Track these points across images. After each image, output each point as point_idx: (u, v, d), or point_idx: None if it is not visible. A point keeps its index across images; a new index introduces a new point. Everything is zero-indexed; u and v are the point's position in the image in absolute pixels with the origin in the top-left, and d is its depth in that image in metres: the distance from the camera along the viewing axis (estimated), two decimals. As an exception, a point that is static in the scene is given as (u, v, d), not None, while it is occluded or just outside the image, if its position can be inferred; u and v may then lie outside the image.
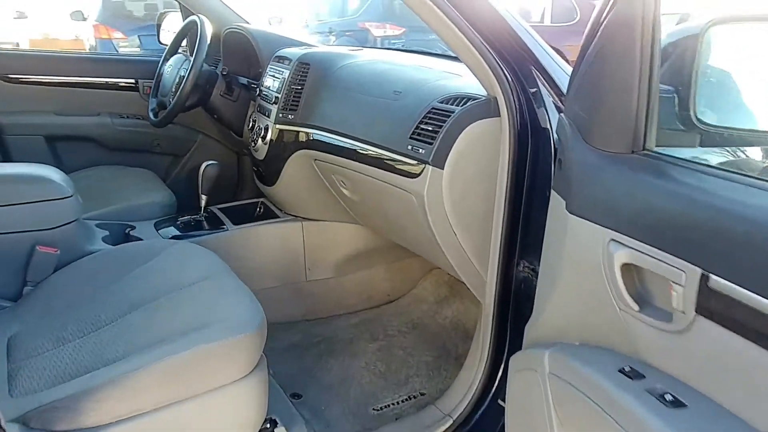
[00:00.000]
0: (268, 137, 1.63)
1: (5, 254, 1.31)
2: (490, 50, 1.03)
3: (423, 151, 1.13)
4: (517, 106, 1.03)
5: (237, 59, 2.04)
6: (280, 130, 1.59)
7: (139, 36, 7.18)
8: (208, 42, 1.80)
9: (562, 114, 0.91)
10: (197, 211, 1.76)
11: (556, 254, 0.85)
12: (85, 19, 8.01)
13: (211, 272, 1.21)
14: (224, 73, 1.86)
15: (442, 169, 1.11)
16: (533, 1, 8.38)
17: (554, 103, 1.03)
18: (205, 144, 2.35)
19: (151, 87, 2.22)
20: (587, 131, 0.77)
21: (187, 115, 1.99)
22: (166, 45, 2.41)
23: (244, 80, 1.97)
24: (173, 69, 1.90)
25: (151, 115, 1.96)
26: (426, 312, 1.79)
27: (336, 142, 1.42)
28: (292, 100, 1.56)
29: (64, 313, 1.13)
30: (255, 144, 1.70)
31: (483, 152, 1.12)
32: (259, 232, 1.69)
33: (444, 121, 1.11)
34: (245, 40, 1.95)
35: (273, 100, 1.62)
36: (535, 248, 0.97)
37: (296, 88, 1.56)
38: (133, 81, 2.22)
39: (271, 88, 1.68)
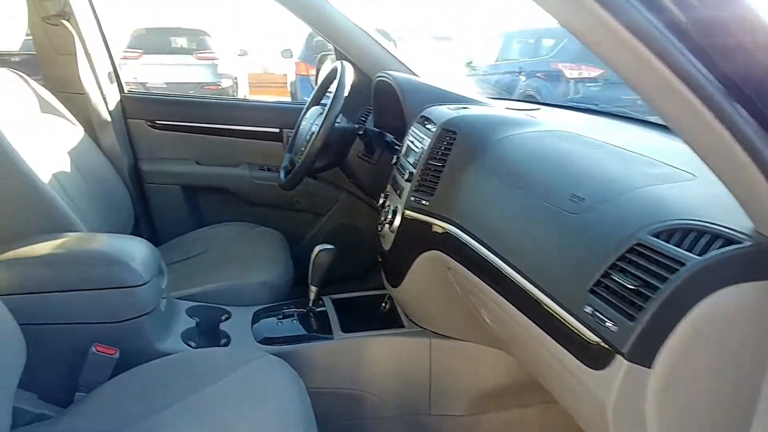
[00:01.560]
0: (396, 224, 1.22)
1: (59, 350, 1.08)
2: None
3: (614, 328, 0.61)
4: None
5: (386, 114, 1.69)
6: (410, 218, 1.17)
7: (332, 73, 7.47)
8: (347, 93, 1.47)
9: None
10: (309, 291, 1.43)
11: None
12: (291, 56, 8.64)
13: (291, 412, 0.94)
14: (360, 132, 1.51)
15: (650, 368, 0.58)
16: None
17: None
18: (348, 203, 2.05)
19: (294, 139, 1.99)
20: None
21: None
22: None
23: (388, 137, 1.61)
24: (306, 123, 1.61)
25: (282, 173, 1.70)
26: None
27: (477, 255, 0.96)
28: (430, 180, 1.14)
29: None
30: (381, 228, 1.31)
31: (733, 336, 0.58)
32: (374, 344, 1.28)
33: (660, 277, 0.59)
34: (393, 91, 1.59)
35: (408, 175, 1.21)
36: None
37: (436, 165, 1.13)
38: (276, 130, 2.00)
39: (408, 159, 1.28)
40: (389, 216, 1.24)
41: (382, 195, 1.37)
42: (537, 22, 7.11)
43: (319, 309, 1.39)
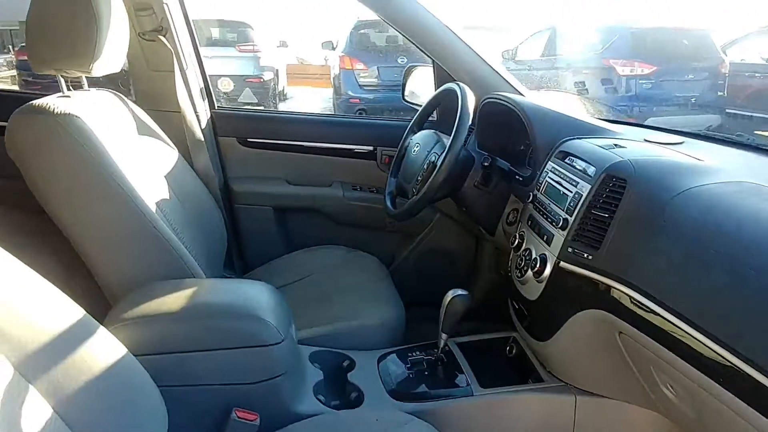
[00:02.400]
0: (545, 273, 1.11)
1: (197, 413, 1.01)
2: None
3: None
4: None
5: (494, 136, 1.59)
6: (567, 271, 1.07)
7: (378, 67, 7.35)
8: (471, 122, 1.36)
9: None
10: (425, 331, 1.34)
11: None
12: (333, 49, 8.55)
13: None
14: (486, 164, 1.40)
15: None
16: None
17: None
18: (442, 224, 1.95)
19: (390, 158, 1.89)
20: None
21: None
22: (411, 103, 2.08)
23: (504, 165, 1.50)
24: (421, 150, 1.50)
25: (387, 200, 1.60)
26: None
27: (667, 324, 0.85)
28: (593, 231, 1.02)
29: None
30: (521, 274, 1.20)
31: None
32: (515, 403, 1.18)
33: None
34: (510, 116, 1.48)
35: (561, 222, 1.10)
36: None
37: (600, 215, 1.02)
38: (370, 148, 1.91)
39: (552, 200, 1.17)
40: (536, 264, 1.13)
41: (517, 236, 1.26)
42: (586, 16, 6.87)
43: (446, 355, 1.30)
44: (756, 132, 6.52)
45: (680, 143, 1.23)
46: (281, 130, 1.89)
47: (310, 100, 9.92)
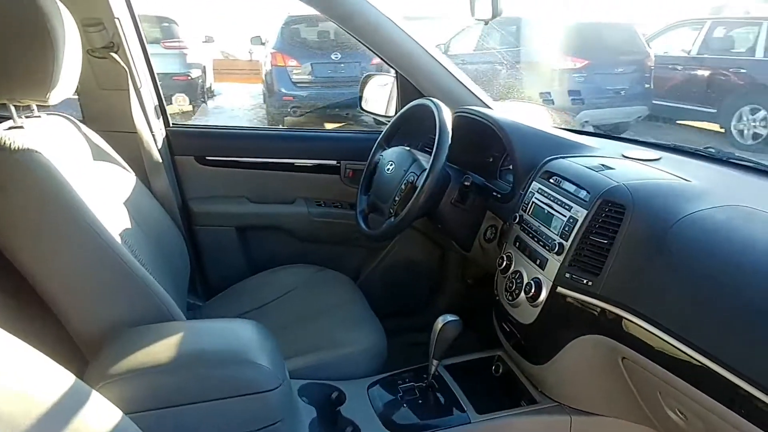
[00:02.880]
0: (541, 298, 1.12)
1: None
2: None
3: None
4: None
5: (462, 150, 1.57)
6: (564, 296, 1.07)
7: (311, 64, 7.22)
8: (450, 142, 1.34)
9: None
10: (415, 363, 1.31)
11: None
12: (263, 44, 8.30)
13: None
14: (467, 183, 1.39)
15: None
16: (741, 31, 7.14)
17: None
18: (408, 236, 1.93)
19: (354, 172, 1.85)
20: None
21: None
22: (370, 113, 2.04)
23: (478, 180, 1.49)
24: (396, 169, 1.47)
25: (360, 219, 1.56)
26: None
27: (674, 353, 0.87)
28: (591, 257, 1.03)
29: None
30: (513, 297, 1.20)
31: None
32: (512, 427, 1.18)
33: None
34: (478, 129, 1.48)
35: (556, 247, 1.10)
36: None
37: (600, 242, 1.03)
38: (334, 162, 1.85)
39: (542, 223, 1.17)
40: (530, 288, 1.13)
41: (504, 257, 1.26)
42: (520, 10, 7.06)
43: (436, 379, 1.28)
44: (678, 122, 6.96)
45: (658, 159, 1.27)
46: (240, 147, 1.80)
47: (239, 97, 9.62)
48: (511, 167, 1.55)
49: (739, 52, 6.79)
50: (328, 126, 7.09)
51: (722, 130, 6.54)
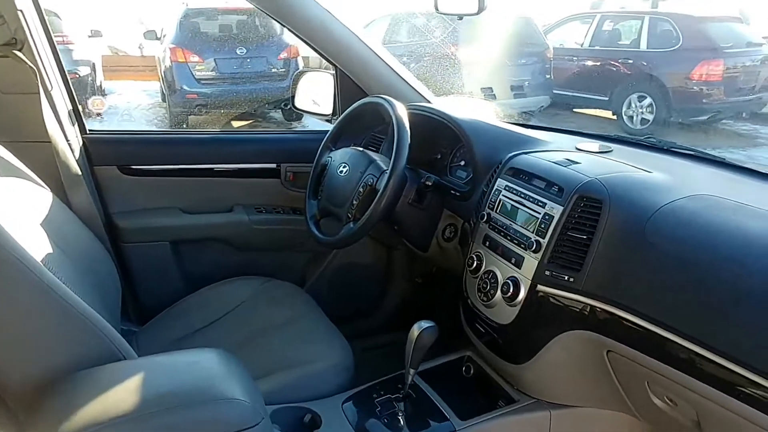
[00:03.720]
0: (520, 297, 1.10)
1: None
2: None
3: None
4: None
5: (416, 148, 1.54)
6: (545, 294, 1.06)
7: (215, 59, 6.89)
8: (409, 142, 1.29)
9: None
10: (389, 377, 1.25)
11: None
12: (158, 39, 7.82)
13: None
14: (429, 183, 1.35)
15: None
16: (625, 24, 7.71)
17: None
18: None
19: (295, 175, 1.75)
20: None
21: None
22: (304, 111, 1.95)
23: (433, 178, 1.46)
24: (351, 172, 1.40)
25: (312, 226, 1.47)
26: None
27: (662, 342, 0.89)
28: (570, 253, 1.03)
29: None
30: (488, 297, 1.17)
31: None
32: (494, 429, 1.15)
33: None
34: (432, 128, 1.45)
35: (528, 244, 1.09)
36: None
37: (578, 237, 1.02)
38: (273, 165, 1.75)
39: (513, 221, 1.15)
40: (507, 288, 1.11)
41: (474, 257, 1.23)
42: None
43: (412, 389, 1.23)
44: (575, 110, 7.38)
45: (611, 151, 1.30)
46: (169, 153, 1.65)
47: (134, 95, 9.01)
48: (462, 163, 1.53)
49: (625, 44, 7.33)
50: (236, 125, 6.81)
51: (614, 117, 7.03)
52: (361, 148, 1.46)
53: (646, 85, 6.85)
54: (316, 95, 1.94)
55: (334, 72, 1.75)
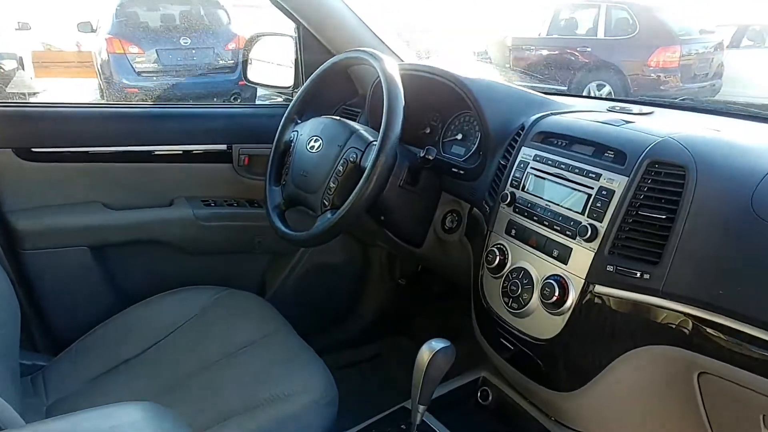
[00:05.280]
0: (568, 303, 0.81)
1: None
2: None
3: None
4: None
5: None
6: (607, 297, 0.77)
7: (156, 50, 6.39)
8: (403, 104, 0.98)
9: None
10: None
11: None
12: (94, 31, 7.23)
13: None
14: (429, 157, 1.04)
15: None
16: (582, 13, 7.65)
17: None
18: None
19: (251, 158, 1.42)
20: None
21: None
22: (259, 84, 1.62)
23: (432, 151, 1.16)
24: (327, 146, 1.08)
25: (275, 218, 1.15)
26: None
27: None
28: (646, 242, 0.74)
29: None
30: (520, 304, 0.87)
31: None
32: None
33: None
34: (422, 96, 1.15)
35: (578, 230, 0.80)
36: None
37: (655, 218, 0.74)
38: (223, 147, 1.41)
39: (550, 201, 0.86)
40: (551, 291, 0.82)
41: (496, 251, 0.93)
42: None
43: (418, 429, 0.92)
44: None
45: (652, 113, 1.03)
46: (86, 132, 1.28)
47: (69, 93, 8.35)
48: (458, 137, 1.24)
49: (583, 32, 7.28)
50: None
51: (574, 106, 6.95)
52: (337, 117, 1.14)
53: (604, 74, 6.83)
54: (274, 64, 1.63)
55: (295, 33, 1.43)
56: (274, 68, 1.66)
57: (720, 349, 0.69)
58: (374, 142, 0.99)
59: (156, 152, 1.34)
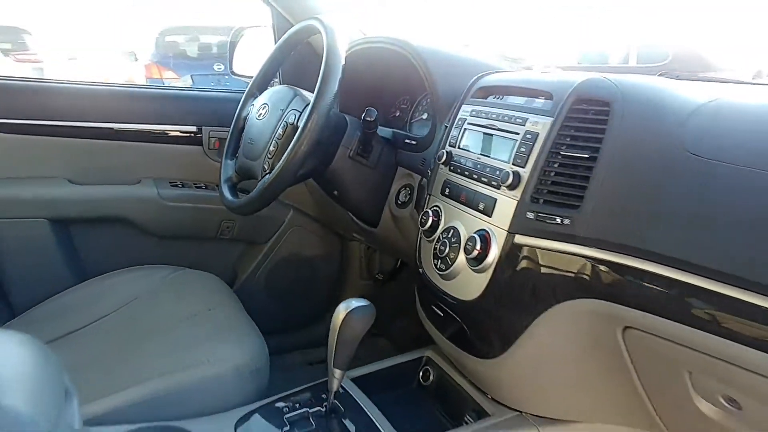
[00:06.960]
0: (490, 257, 0.74)
1: None
2: None
3: None
4: None
5: (362, 93, 1.22)
6: (527, 248, 0.70)
7: (191, 75, 6.62)
8: (343, 63, 0.95)
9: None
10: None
11: None
12: (137, 60, 7.57)
13: None
14: (370, 119, 1.01)
15: None
16: (614, 42, 7.55)
17: None
18: (297, 223, 1.52)
19: (221, 141, 1.41)
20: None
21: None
22: (243, 77, 1.62)
23: (386, 131, 1.13)
24: (271, 112, 1.05)
25: (225, 189, 1.12)
26: None
27: (715, 301, 0.53)
28: (568, 185, 0.68)
29: None
30: (446, 265, 0.81)
31: None
32: None
33: None
34: (389, 73, 1.12)
35: (501, 178, 0.74)
36: None
37: (578, 158, 0.67)
38: (194, 129, 1.40)
39: (482, 152, 0.81)
40: (472, 245, 0.75)
41: (430, 212, 0.87)
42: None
43: (341, 400, 0.86)
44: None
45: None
46: (54, 106, 1.29)
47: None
48: (424, 117, 1.21)
49: (615, 63, 7.15)
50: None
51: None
52: (287, 85, 1.12)
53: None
54: (257, 56, 1.63)
55: (272, 21, 1.44)
56: (258, 60, 1.67)
57: (644, 299, 0.61)
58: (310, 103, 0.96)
59: (125, 131, 1.34)
